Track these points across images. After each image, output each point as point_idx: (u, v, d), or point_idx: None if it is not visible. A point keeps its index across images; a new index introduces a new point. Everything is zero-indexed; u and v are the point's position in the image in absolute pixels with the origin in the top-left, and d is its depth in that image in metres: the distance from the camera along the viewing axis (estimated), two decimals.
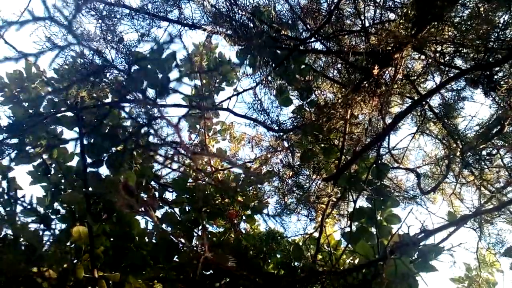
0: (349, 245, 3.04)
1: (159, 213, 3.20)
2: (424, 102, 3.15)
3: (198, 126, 4.56)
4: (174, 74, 2.73)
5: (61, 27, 2.09)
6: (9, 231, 2.51)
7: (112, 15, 2.32)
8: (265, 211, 3.60)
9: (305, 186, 3.63)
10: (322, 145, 3.34)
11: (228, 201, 3.43)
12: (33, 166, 3.15)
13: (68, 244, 2.64)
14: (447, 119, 3.31)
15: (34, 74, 3.37)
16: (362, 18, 3.00)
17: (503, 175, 3.19)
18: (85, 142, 2.75)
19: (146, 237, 2.89)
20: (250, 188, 3.64)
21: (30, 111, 3.04)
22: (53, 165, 3.19)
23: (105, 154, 2.88)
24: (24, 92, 3.18)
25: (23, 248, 2.31)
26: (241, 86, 6.06)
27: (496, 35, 2.48)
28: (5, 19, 1.82)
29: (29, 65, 3.29)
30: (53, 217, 2.83)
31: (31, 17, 1.80)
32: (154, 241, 2.93)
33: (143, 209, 2.55)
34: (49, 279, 2.21)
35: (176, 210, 3.13)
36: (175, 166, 3.36)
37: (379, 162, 3.18)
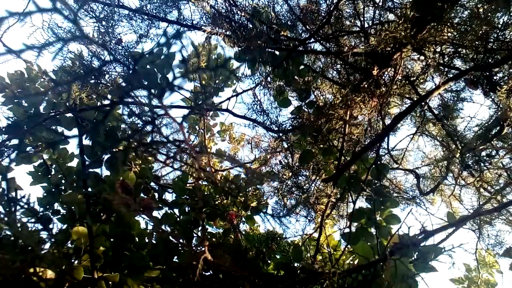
0: (349, 246, 3.05)
1: (159, 214, 3.20)
2: (423, 103, 3.15)
3: (197, 127, 4.56)
4: (173, 75, 2.73)
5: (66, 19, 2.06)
6: (8, 234, 2.51)
7: (111, 16, 2.32)
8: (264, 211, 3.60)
9: (304, 187, 3.63)
10: (322, 146, 3.34)
11: (228, 201, 3.43)
12: (33, 166, 3.16)
13: (67, 244, 2.64)
14: (447, 120, 3.31)
15: (35, 75, 3.37)
16: (362, 18, 3.00)
17: (502, 176, 3.19)
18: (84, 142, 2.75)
19: (145, 238, 2.89)
20: (250, 188, 3.63)
21: (31, 111, 3.05)
22: (53, 166, 3.20)
23: (104, 155, 2.89)
24: (25, 93, 3.18)
25: (20, 248, 2.31)
26: (240, 87, 6.08)
27: (495, 36, 2.48)
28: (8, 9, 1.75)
29: (30, 65, 3.29)
30: (53, 217, 2.84)
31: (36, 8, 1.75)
32: (153, 241, 2.93)
33: (141, 209, 2.54)
34: (47, 280, 2.21)
35: (176, 211, 3.14)
36: (176, 166, 3.35)
37: (379, 163, 3.18)
